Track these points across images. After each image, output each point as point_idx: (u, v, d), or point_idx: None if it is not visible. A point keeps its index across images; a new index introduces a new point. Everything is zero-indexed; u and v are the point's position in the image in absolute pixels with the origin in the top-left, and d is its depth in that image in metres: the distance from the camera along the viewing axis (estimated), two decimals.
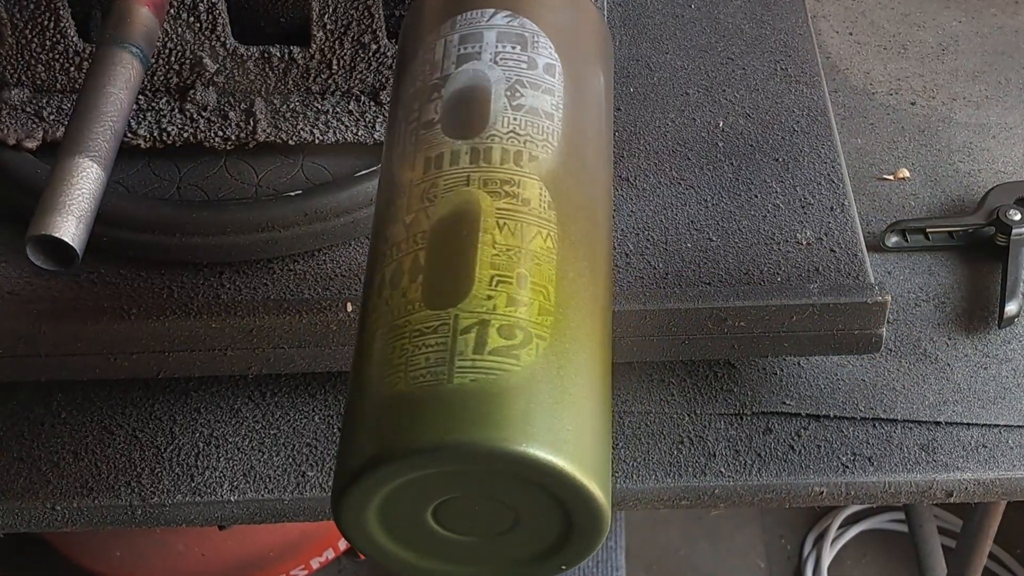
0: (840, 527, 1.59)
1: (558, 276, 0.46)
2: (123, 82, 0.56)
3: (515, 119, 0.50)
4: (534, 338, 0.43)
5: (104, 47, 0.57)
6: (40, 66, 0.68)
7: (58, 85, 0.69)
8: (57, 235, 0.50)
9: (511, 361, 0.42)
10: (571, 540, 0.43)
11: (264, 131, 0.70)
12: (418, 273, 0.44)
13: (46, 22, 0.66)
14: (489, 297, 0.44)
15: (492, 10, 0.54)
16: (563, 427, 0.41)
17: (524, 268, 0.45)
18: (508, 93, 0.51)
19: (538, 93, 0.51)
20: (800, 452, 0.68)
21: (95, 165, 0.52)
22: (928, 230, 0.77)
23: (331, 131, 0.70)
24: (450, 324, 0.43)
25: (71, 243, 0.50)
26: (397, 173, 0.49)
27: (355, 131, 0.70)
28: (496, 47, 0.53)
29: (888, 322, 0.68)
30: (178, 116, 0.70)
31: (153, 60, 0.67)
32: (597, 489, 0.41)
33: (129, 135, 0.69)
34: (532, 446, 0.40)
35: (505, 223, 0.46)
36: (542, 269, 0.45)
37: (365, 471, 0.41)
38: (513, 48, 0.53)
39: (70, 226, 0.50)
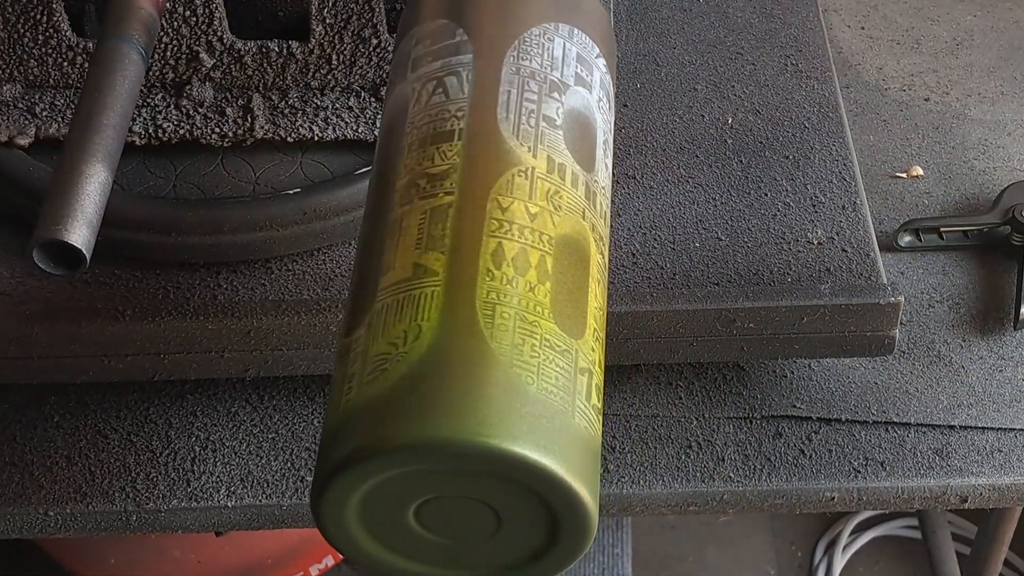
0: (852, 533, 1.58)
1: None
2: (127, 79, 0.54)
3: (604, 179, 0.49)
4: (600, 412, 0.43)
5: (106, 42, 0.55)
6: (33, 61, 0.67)
7: (51, 81, 0.68)
8: (68, 240, 0.48)
9: (597, 424, 0.42)
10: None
11: (262, 128, 0.69)
12: (545, 278, 0.43)
13: (39, 16, 0.65)
14: (593, 350, 0.43)
15: (598, 49, 0.52)
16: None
17: (603, 334, 0.45)
18: (603, 147, 0.50)
19: (609, 163, 0.51)
20: (811, 456, 0.67)
21: (103, 166, 0.51)
22: (942, 229, 0.76)
23: (331, 128, 0.69)
24: (573, 356, 0.42)
25: (82, 248, 0.49)
26: (510, 142, 0.46)
27: (355, 128, 0.69)
28: (599, 92, 0.51)
29: (901, 323, 0.67)
30: (174, 112, 0.69)
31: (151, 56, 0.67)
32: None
33: None
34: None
35: (599, 281, 0.46)
36: (604, 344, 0.45)
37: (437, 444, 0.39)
38: (607, 105, 0.52)
39: (81, 230, 0.49)
